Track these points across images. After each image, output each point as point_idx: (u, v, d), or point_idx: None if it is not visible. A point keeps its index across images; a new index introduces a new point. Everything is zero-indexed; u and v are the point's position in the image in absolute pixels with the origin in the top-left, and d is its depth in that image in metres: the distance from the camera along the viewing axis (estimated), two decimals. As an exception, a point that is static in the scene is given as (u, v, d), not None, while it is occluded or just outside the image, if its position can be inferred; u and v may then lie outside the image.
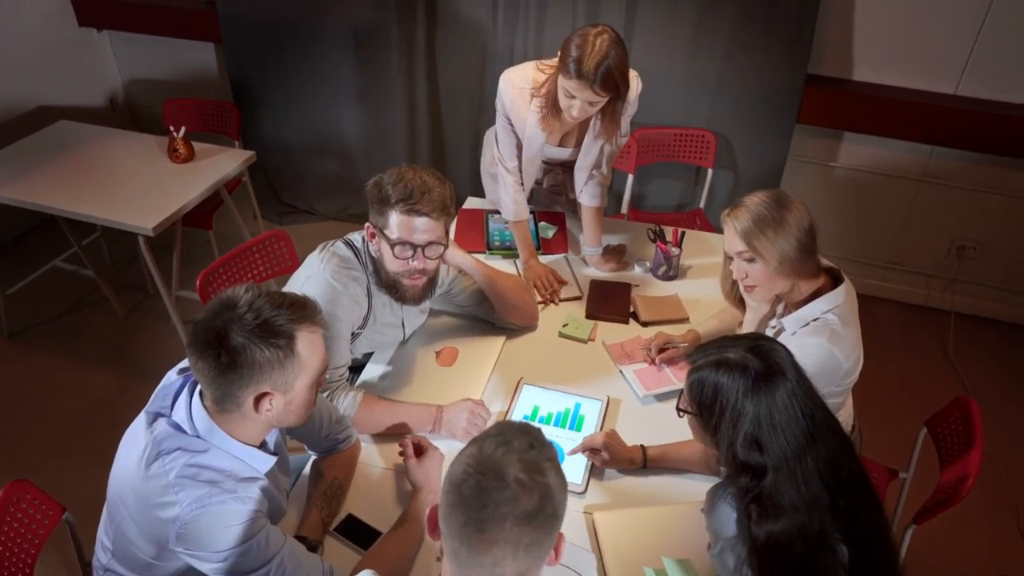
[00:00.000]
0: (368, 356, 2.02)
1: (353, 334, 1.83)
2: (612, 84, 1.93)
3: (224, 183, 3.03)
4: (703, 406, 1.29)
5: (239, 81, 3.80)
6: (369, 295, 1.82)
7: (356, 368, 1.99)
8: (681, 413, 1.37)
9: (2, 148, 3.13)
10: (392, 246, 1.68)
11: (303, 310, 1.30)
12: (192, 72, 4.07)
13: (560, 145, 2.30)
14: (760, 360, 1.24)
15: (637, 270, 2.37)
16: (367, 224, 1.75)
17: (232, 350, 1.23)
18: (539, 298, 2.22)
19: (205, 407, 1.32)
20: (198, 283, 2.27)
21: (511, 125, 2.24)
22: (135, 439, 1.36)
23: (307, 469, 1.69)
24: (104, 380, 3.01)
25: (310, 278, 1.75)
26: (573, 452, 1.71)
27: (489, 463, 0.98)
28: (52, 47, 3.83)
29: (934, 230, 3.31)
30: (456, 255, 1.93)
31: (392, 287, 1.78)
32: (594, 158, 2.28)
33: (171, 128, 3.00)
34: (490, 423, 1.80)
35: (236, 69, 3.78)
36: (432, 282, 1.83)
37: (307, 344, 1.30)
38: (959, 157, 3.09)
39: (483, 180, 2.64)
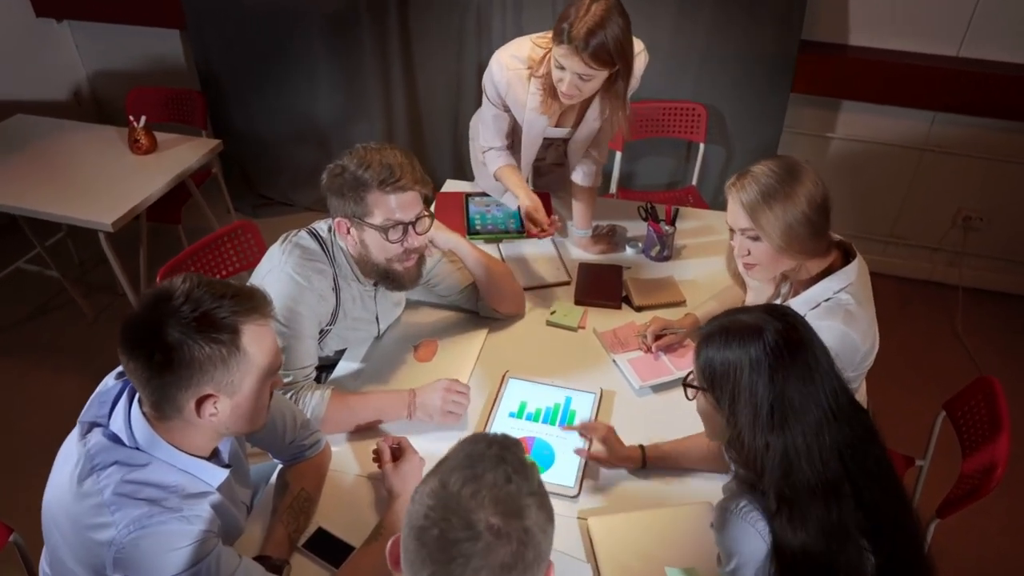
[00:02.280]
0: (340, 354, 1.87)
1: (322, 331, 1.68)
2: (605, 56, 1.77)
3: (190, 174, 2.86)
4: (714, 383, 1.14)
5: (207, 70, 3.62)
6: (336, 289, 1.67)
7: (329, 366, 1.84)
8: (688, 391, 1.22)
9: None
10: (384, 231, 1.55)
11: (249, 301, 1.15)
12: (159, 61, 3.88)
13: (558, 125, 2.13)
14: (779, 326, 1.09)
15: (629, 251, 2.23)
16: (337, 220, 1.60)
17: (167, 347, 1.07)
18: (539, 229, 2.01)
19: (144, 415, 1.17)
20: (158, 280, 2.11)
21: (506, 111, 2.08)
22: (68, 453, 1.21)
23: (273, 479, 1.54)
24: (71, 388, 2.84)
25: (271, 272, 1.61)
26: (567, 428, 1.61)
27: (455, 506, 0.80)
28: (8, 39, 3.64)
29: (938, 201, 3.17)
30: (448, 237, 1.78)
31: (385, 277, 1.65)
32: (590, 135, 2.13)
33: (131, 118, 2.83)
34: (472, 409, 1.67)
35: (203, 57, 3.59)
36: (423, 259, 1.71)
37: (255, 339, 1.14)
38: (963, 123, 2.94)
39: (475, 169, 2.47)
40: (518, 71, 1.99)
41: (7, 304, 3.28)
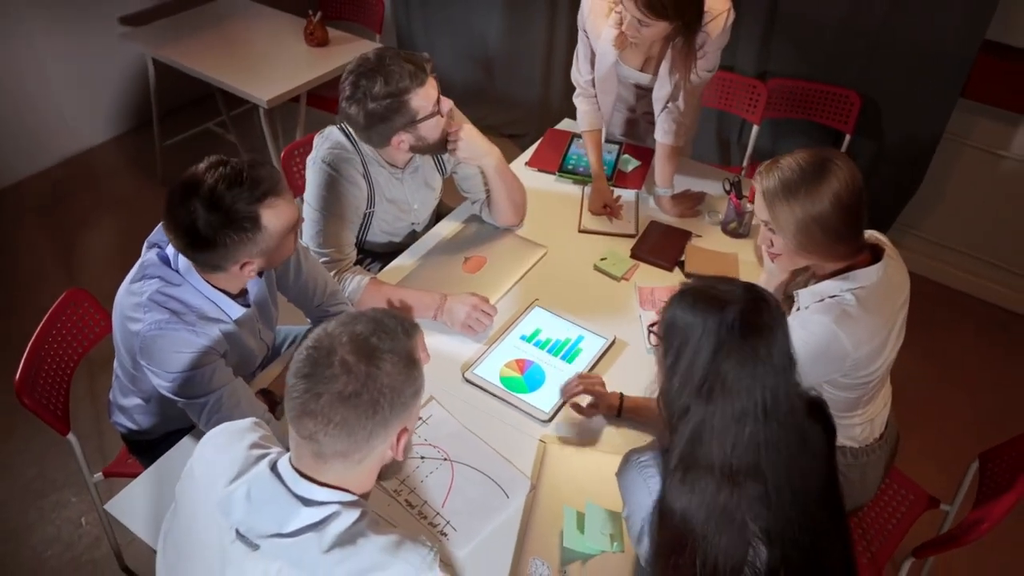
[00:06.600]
0: (390, 246, 2.07)
1: (365, 214, 1.89)
2: (659, 8, 1.77)
3: (350, 71, 3.14)
4: (668, 336, 1.16)
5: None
6: (367, 174, 1.86)
7: (379, 255, 2.06)
8: (651, 337, 1.24)
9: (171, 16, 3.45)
10: (437, 115, 1.73)
11: (262, 185, 1.34)
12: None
13: (641, 70, 2.15)
14: (745, 308, 1.08)
15: (706, 219, 2.20)
16: (395, 140, 1.75)
17: (203, 240, 1.31)
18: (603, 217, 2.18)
19: None
20: (281, 156, 2.41)
21: (587, 37, 2.13)
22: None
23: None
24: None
25: (311, 161, 1.84)
26: (568, 396, 1.61)
27: (326, 340, 1.00)
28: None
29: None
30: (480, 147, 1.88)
31: (443, 145, 1.82)
32: (669, 90, 2.11)
33: (309, 11, 3.15)
34: (492, 329, 1.81)
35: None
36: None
37: (272, 215, 1.36)
38: None
39: None
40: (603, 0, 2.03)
41: (195, 157, 3.78)
